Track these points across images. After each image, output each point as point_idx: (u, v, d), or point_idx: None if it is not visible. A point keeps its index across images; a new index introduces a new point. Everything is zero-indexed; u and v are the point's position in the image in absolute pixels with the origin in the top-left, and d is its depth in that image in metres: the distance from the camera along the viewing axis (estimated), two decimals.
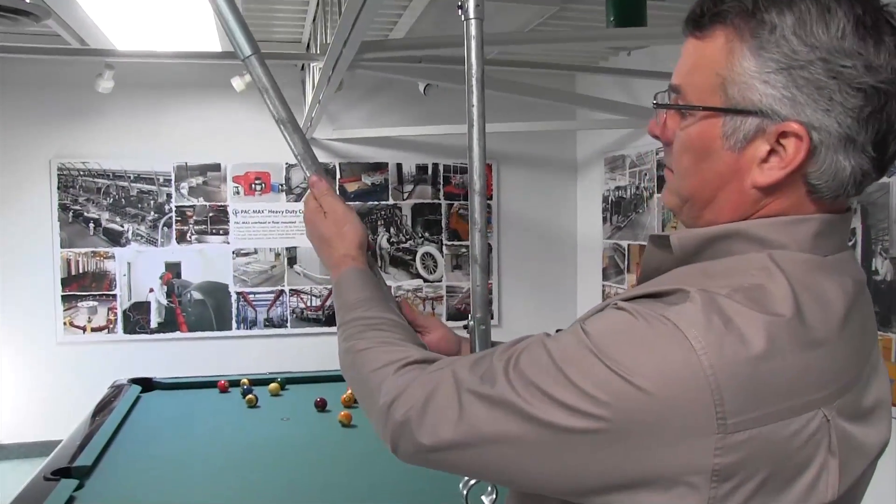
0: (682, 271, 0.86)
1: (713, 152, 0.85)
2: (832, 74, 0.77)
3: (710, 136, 0.84)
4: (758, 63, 0.80)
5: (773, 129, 0.81)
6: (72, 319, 5.54)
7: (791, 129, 0.80)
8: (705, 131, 0.85)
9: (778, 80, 0.79)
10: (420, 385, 0.90)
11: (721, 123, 0.83)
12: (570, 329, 0.83)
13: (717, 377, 0.72)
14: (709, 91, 0.84)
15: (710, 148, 0.85)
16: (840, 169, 0.81)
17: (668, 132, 0.90)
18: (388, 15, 4.33)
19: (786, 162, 0.81)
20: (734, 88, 0.82)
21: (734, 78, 0.82)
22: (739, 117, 0.82)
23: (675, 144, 0.89)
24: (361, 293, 1.15)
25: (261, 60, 1.30)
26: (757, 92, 0.80)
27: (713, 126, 0.84)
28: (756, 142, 0.82)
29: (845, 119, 0.78)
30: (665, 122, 0.91)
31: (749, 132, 0.82)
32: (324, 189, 1.27)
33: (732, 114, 0.82)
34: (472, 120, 1.29)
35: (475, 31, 1.28)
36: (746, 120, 0.82)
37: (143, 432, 3.07)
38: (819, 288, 0.80)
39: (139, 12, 3.39)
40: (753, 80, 0.80)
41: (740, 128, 0.82)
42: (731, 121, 0.83)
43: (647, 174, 5.15)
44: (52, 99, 5.47)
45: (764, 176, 0.82)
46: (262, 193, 5.72)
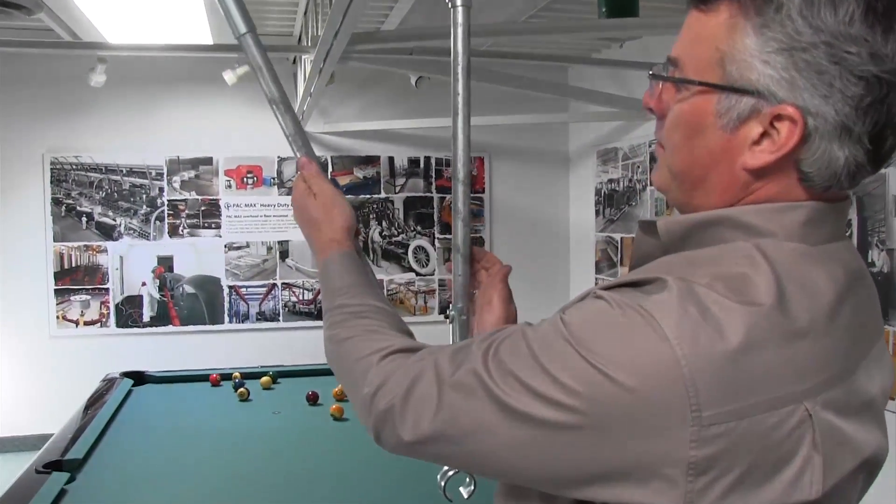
0: (667, 260, 0.85)
1: (705, 129, 0.83)
2: (835, 60, 0.75)
3: (704, 113, 0.82)
4: (759, 41, 0.78)
5: (768, 111, 0.78)
6: (64, 313, 5.53)
7: (786, 113, 0.77)
8: (699, 107, 0.83)
9: (778, 60, 0.77)
10: (402, 374, 0.90)
11: (716, 100, 0.81)
12: (551, 319, 0.82)
13: (690, 368, 0.70)
14: (707, 66, 0.82)
15: (703, 124, 0.83)
16: (834, 158, 0.79)
17: (662, 105, 0.88)
18: (380, 6, 4.32)
19: (778, 146, 0.79)
20: (733, 65, 0.79)
21: (734, 55, 0.79)
22: (735, 96, 0.80)
23: (668, 119, 0.87)
24: (347, 278, 1.14)
25: (255, 39, 1.30)
26: (755, 71, 0.78)
27: (708, 102, 0.82)
28: (750, 123, 0.80)
29: (843, 107, 0.76)
30: (660, 95, 0.88)
31: (744, 112, 0.80)
32: (313, 171, 1.26)
33: (728, 91, 0.80)
34: (457, 108, 1.29)
35: (462, 19, 1.28)
36: (742, 99, 0.79)
37: (134, 426, 3.06)
38: (806, 277, 0.78)
39: (131, 5, 3.38)
40: (753, 59, 0.78)
41: (735, 107, 0.80)
42: (727, 99, 0.80)
43: (639, 167, 5.15)
44: (45, 93, 5.45)
45: (755, 158, 0.80)
46: (253, 187, 5.71)
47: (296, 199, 1.26)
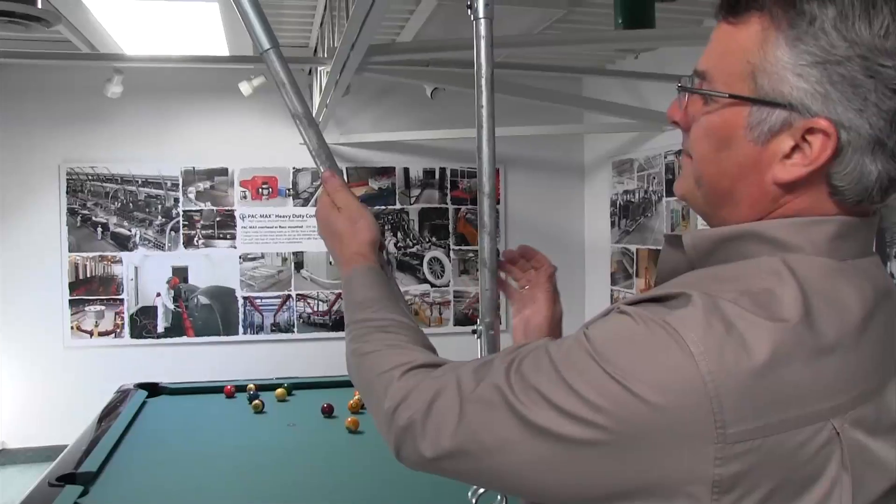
0: (692, 275, 0.84)
1: (735, 142, 0.81)
2: (870, 73, 0.74)
3: (734, 125, 0.81)
4: (793, 54, 0.76)
5: (800, 125, 0.77)
6: (79, 324, 5.54)
7: (820, 126, 0.76)
8: (729, 119, 0.81)
9: (812, 73, 0.76)
10: (424, 390, 0.89)
11: (747, 113, 0.80)
12: (574, 334, 0.80)
13: (715, 384, 0.69)
14: (737, 78, 0.80)
15: (733, 137, 0.81)
16: (866, 172, 0.78)
17: (688, 119, 0.87)
18: (396, 18, 4.32)
19: (810, 159, 0.78)
20: (765, 78, 0.78)
21: (766, 67, 0.78)
22: (767, 109, 0.78)
23: (696, 129, 0.86)
24: (370, 292, 1.13)
25: (279, 54, 1.31)
26: (788, 84, 0.77)
27: (738, 115, 0.80)
28: (781, 136, 0.79)
29: (878, 121, 0.75)
30: (686, 108, 0.87)
31: (775, 125, 0.78)
32: (337, 185, 1.25)
33: (760, 104, 0.79)
34: (481, 121, 1.28)
35: (485, 31, 1.27)
36: (774, 112, 0.78)
37: (148, 438, 3.06)
38: (834, 293, 0.76)
39: (148, 17, 3.39)
40: (786, 72, 0.77)
41: (766, 119, 0.79)
42: (758, 111, 0.79)
43: (655, 178, 5.13)
44: (62, 104, 5.48)
45: (786, 172, 0.79)
46: (269, 198, 5.71)
47: (320, 213, 1.25)
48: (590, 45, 4.12)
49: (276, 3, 4.20)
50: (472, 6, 1.27)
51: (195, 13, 3.32)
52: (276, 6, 4.27)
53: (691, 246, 0.86)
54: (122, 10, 3.29)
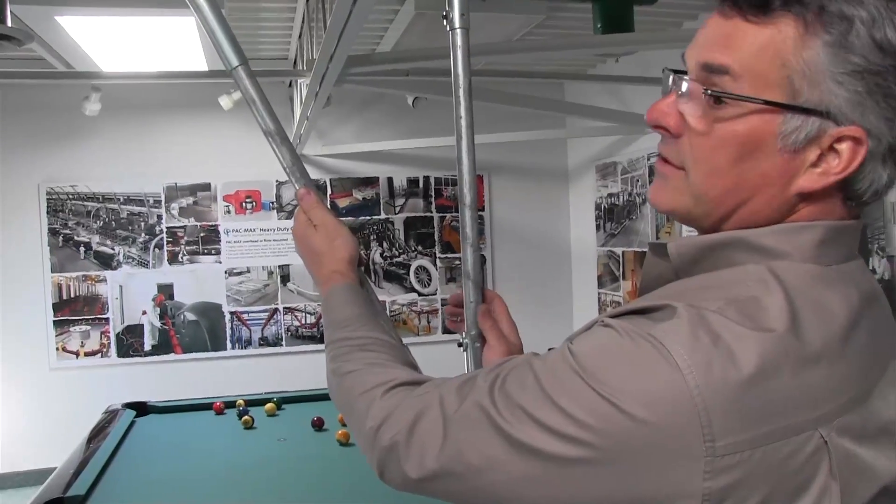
0: (677, 285, 0.82)
1: (763, 151, 0.78)
2: None
3: (764, 134, 0.77)
4: (833, 61, 0.74)
5: (833, 132, 0.76)
6: (64, 344, 5.49)
7: (853, 134, 0.75)
8: (758, 127, 0.77)
9: (851, 81, 0.74)
10: (406, 409, 0.88)
11: (781, 121, 0.76)
12: (558, 349, 0.79)
13: (703, 398, 0.68)
14: (772, 82, 0.76)
15: (761, 146, 0.78)
16: (878, 178, 0.79)
17: (680, 122, 0.82)
18: (375, 28, 4.31)
19: (841, 167, 0.76)
20: (804, 84, 0.75)
21: (806, 73, 0.75)
22: (803, 116, 0.76)
23: (705, 139, 0.80)
24: (350, 311, 1.12)
25: (248, 71, 1.29)
26: (829, 91, 0.74)
27: (770, 122, 0.77)
28: (812, 144, 0.77)
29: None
30: (685, 111, 0.81)
31: (811, 133, 0.76)
32: (313, 202, 1.24)
33: (798, 112, 0.76)
34: (460, 132, 1.27)
35: (461, 42, 1.27)
36: (809, 119, 0.76)
37: (138, 458, 3.02)
38: (820, 300, 0.76)
39: (124, 33, 3.36)
40: (825, 78, 0.74)
41: (802, 127, 0.76)
42: (793, 119, 0.76)
43: (639, 180, 5.14)
44: (40, 123, 5.44)
45: (813, 181, 0.78)
46: (252, 212, 5.69)
47: (297, 231, 1.24)
48: (570, 49, 4.12)
49: (254, 15, 4.19)
50: (448, 17, 1.26)
51: (171, 28, 3.29)
52: (254, 18, 4.26)
53: (676, 254, 0.84)
54: (97, 28, 3.26)
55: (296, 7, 4.05)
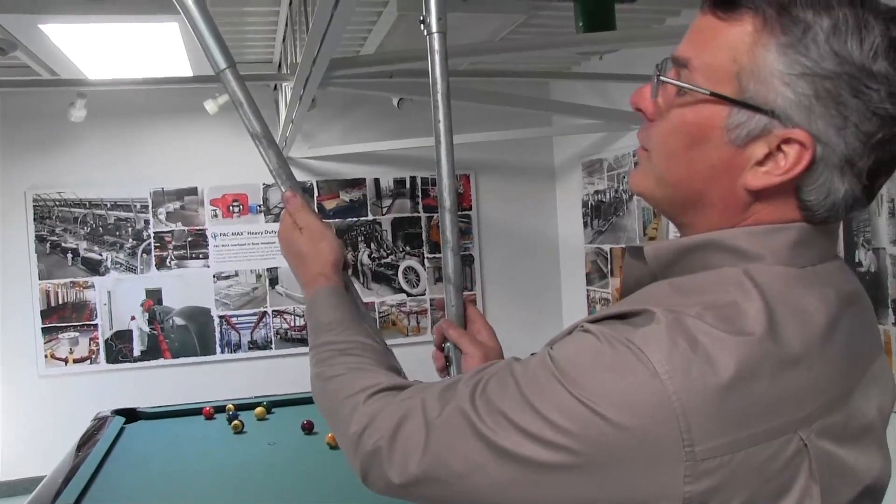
0: (654, 288, 0.83)
1: (710, 142, 0.80)
2: (855, 93, 0.73)
3: (711, 125, 0.79)
4: (784, 62, 0.75)
5: (778, 133, 0.76)
6: (53, 351, 5.47)
7: (798, 138, 0.75)
8: (706, 118, 0.79)
9: (800, 84, 0.74)
10: (389, 414, 0.88)
11: (727, 114, 0.78)
12: (539, 354, 0.80)
13: (682, 403, 0.69)
14: (722, 76, 0.78)
15: (708, 136, 0.79)
16: (834, 190, 0.78)
17: (655, 107, 0.85)
18: (358, 31, 4.32)
19: (784, 169, 0.77)
20: (751, 82, 0.76)
21: (754, 70, 0.76)
22: (749, 112, 0.77)
23: (664, 123, 0.84)
24: (333, 314, 1.12)
25: (236, 74, 1.29)
26: (774, 91, 0.75)
27: (717, 114, 0.79)
28: (758, 142, 0.78)
29: (854, 141, 0.75)
30: (656, 96, 0.85)
31: (754, 130, 0.77)
32: (298, 205, 1.24)
33: (742, 107, 0.77)
34: (439, 136, 1.28)
35: (438, 46, 1.27)
36: (755, 117, 0.77)
37: (127, 465, 3.02)
38: (797, 301, 0.76)
39: (108, 39, 3.35)
40: (773, 79, 0.75)
41: (746, 123, 0.77)
42: (739, 114, 0.77)
43: (625, 177, 5.16)
44: (25, 130, 5.42)
45: (758, 179, 0.78)
46: (240, 215, 5.68)
47: (282, 234, 1.24)
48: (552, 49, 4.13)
49: (238, 19, 4.19)
50: (425, 21, 1.27)
51: (155, 34, 3.29)
52: (238, 22, 4.25)
53: (653, 257, 0.86)
54: (81, 35, 3.25)
55: (279, 10, 4.05)
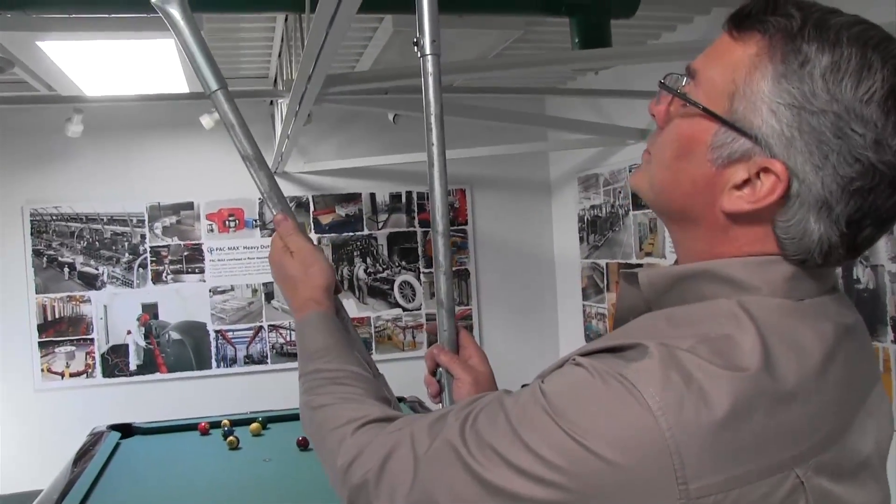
0: (647, 320, 0.82)
1: (695, 156, 0.80)
2: (839, 134, 0.73)
3: (699, 140, 0.80)
4: (776, 90, 0.75)
5: (758, 160, 0.76)
6: (49, 365, 5.46)
7: (774, 168, 0.75)
8: (695, 131, 0.80)
9: (785, 115, 0.74)
10: (377, 447, 0.87)
11: (714, 131, 0.79)
12: (529, 387, 0.79)
13: (676, 440, 0.67)
14: (718, 94, 0.79)
15: (694, 151, 0.80)
16: (808, 231, 0.77)
17: (665, 115, 0.86)
18: (354, 46, 4.33)
19: (756, 197, 0.77)
20: (742, 104, 0.77)
21: (747, 93, 0.76)
22: (733, 134, 0.77)
23: (666, 130, 0.85)
24: (323, 341, 1.11)
25: (227, 96, 1.28)
26: (760, 117, 0.76)
27: (705, 130, 0.79)
28: (738, 165, 0.78)
29: (831, 183, 0.74)
30: (667, 104, 0.85)
31: (735, 153, 0.78)
32: (290, 228, 1.24)
33: (728, 127, 0.78)
34: (432, 158, 1.28)
35: (432, 68, 1.28)
36: (739, 140, 0.77)
37: (123, 480, 3.01)
38: (793, 335, 0.75)
39: (105, 57, 3.37)
40: (762, 104, 0.75)
41: (730, 145, 0.78)
42: (724, 134, 0.78)
43: (621, 192, 5.17)
44: (22, 145, 5.42)
45: (732, 202, 0.78)
46: (236, 230, 5.68)
47: (273, 257, 1.24)
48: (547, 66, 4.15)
49: (233, 35, 4.20)
50: (419, 43, 1.28)
51: (151, 51, 3.30)
52: (234, 38, 4.27)
53: (647, 284, 0.86)
54: (78, 52, 3.27)
55: (275, 27, 4.07)
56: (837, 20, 0.75)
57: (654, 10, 3.84)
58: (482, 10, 3.00)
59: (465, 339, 1.25)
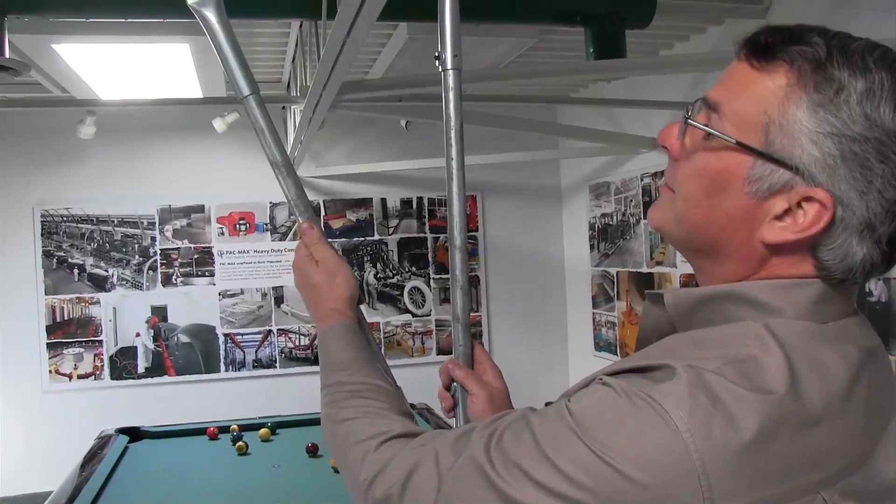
0: (673, 341, 0.82)
1: (730, 191, 0.79)
2: (882, 159, 0.73)
3: (733, 174, 0.79)
4: (814, 120, 0.74)
5: (800, 190, 0.76)
6: (57, 367, 5.47)
7: (819, 197, 0.75)
8: (729, 166, 0.79)
9: (826, 144, 0.74)
10: (401, 462, 0.87)
11: (750, 164, 0.78)
12: (555, 405, 0.79)
13: (703, 461, 0.68)
14: (750, 126, 0.77)
15: (729, 185, 0.79)
16: (851, 253, 0.77)
17: (681, 148, 0.84)
18: (368, 52, 4.33)
19: (801, 227, 0.76)
20: (779, 136, 0.76)
21: (783, 125, 0.76)
22: (772, 166, 0.76)
23: (688, 165, 0.83)
24: (346, 353, 1.11)
25: (258, 101, 1.28)
26: (801, 148, 0.75)
27: (740, 164, 0.78)
28: (778, 196, 0.77)
29: (876, 206, 0.74)
30: (683, 136, 0.84)
31: (776, 185, 0.77)
32: (315, 237, 1.23)
33: (767, 160, 0.77)
34: (451, 174, 1.26)
35: (453, 83, 1.26)
36: (778, 171, 0.76)
37: (131, 484, 3.01)
38: (818, 358, 0.75)
39: (120, 60, 3.38)
40: (801, 135, 0.75)
41: (769, 177, 0.77)
42: (762, 166, 0.77)
43: (632, 200, 5.15)
44: (34, 146, 5.44)
45: (774, 233, 0.78)
46: (246, 233, 5.68)
47: (297, 265, 1.23)
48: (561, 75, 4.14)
49: (247, 39, 4.21)
50: (440, 57, 1.26)
51: (166, 54, 3.31)
52: (248, 42, 4.27)
53: (672, 305, 0.85)
54: (93, 55, 3.28)
55: (289, 32, 4.07)
56: (857, 45, 0.75)
57: (666, 19, 3.83)
58: (498, 19, 2.99)
59: (481, 354, 1.24)
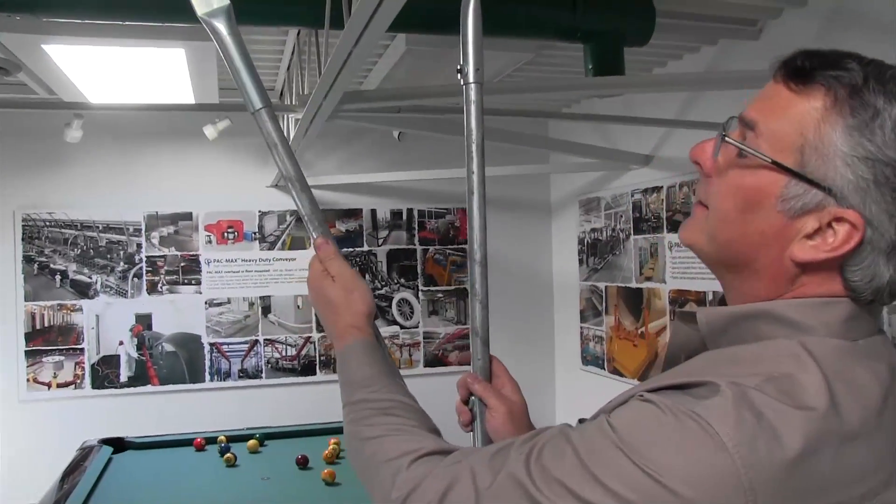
0: (708, 358, 0.83)
1: (763, 208, 0.81)
2: None
3: (767, 192, 0.81)
4: (849, 143, 0.76)
5: (832, 210, 0.78)
6: (35, 375, 5.36)
7: (850, 218, 0.77)
8: (763, 184, 0.81)
9: (861, 167, 0.76)
10: (436, 480, 0.86)
11: (784, 184, 0.80)
12: (595, 421, 0.79)
13: (750, 477, 0.68)
14: (786, 146, 0.80)
15: (762, 203, 0.81)
16: (879, 274, 0.79)
17: (714, 165, 0.86)
18: (364, 63, 4.30)
19: (831, 246, 0.79)
20: (814, 157, 0.78)
21: (819, 147, 0.78)
22: (806, 186, 0.79)
23: (722, 182, 0.85)
24: (368, 370, 1.09)
25: (271, 114, 1.26)
26: (835, 170, 0.77)
27: (774, 183, 0.80)
28: (810, 216, 0.79)
29: None
30: (718, 153, 0.86)
31: (809, 204, 0.79)
32: (331, 252, 1.22)
33: (802, 180, 0.79)
34: (472, 187, 1.26)
35: (475, 96, 1.25)
36: (812, 191, 0.79)
37: (116, 498, 2.95)
38: (851, 376, 0.77)
39: (111, 63, 3.33)
40: (836, 158, 0.77)
41: (802, 196, 0.79)
42: (796, 186, 0.79)
43: (622, 216, 5.16)
44: (17, 148, 5.35)
45: (804, 252, 0.80)
46: (234, 242, 5.62)
47: (313, 281, 1.21)
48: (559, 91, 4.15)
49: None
50: (463, 71, 1.25)
51: (159, 59, 3.27)
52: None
53: (705, 323, 0.86)
54: (84, 56, 3.23)
55: (286, 40, 4.03)
56: (892, 72, 0.78)
57: (662, 38, 3.84)
58: (499, 34, 2.98)
59: (499, 368, 1.24)
